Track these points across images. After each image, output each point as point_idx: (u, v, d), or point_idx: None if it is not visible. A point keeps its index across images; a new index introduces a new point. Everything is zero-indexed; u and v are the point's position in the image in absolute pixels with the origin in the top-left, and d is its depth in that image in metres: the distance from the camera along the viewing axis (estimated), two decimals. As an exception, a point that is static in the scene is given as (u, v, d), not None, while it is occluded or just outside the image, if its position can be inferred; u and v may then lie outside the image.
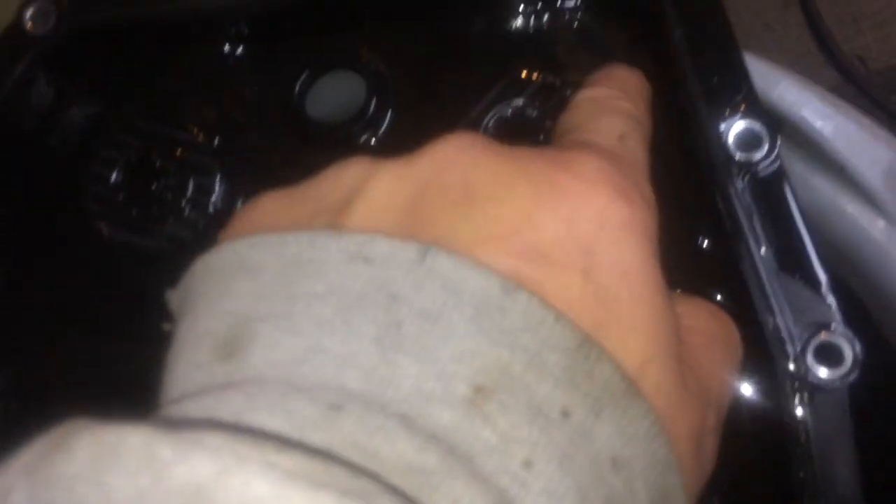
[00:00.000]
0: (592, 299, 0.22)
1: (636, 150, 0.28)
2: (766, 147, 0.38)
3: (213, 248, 0.24)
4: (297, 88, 0.45)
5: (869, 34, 1.55)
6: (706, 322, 0.29)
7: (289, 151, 0.46)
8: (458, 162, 0.23)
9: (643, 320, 0.22)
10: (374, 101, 0.45)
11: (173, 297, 0.25)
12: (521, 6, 0.44)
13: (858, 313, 0.45)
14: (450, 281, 0.20)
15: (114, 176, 0.45)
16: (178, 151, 0.45)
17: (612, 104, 0.30)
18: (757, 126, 0.38)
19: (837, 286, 0.39)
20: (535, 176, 0.23)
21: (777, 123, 0.42)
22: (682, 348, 0.26)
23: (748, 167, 0.38)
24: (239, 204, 0.45)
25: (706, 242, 0.42)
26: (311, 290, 0.21)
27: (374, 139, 0.45)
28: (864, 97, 1.51)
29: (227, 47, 0.46)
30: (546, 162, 0.24)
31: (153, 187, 0.44)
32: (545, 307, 0.20)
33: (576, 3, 0.43)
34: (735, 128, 0.38)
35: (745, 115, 0.38)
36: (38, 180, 0.47)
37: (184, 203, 0.44)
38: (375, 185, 0.23)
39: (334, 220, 0.23)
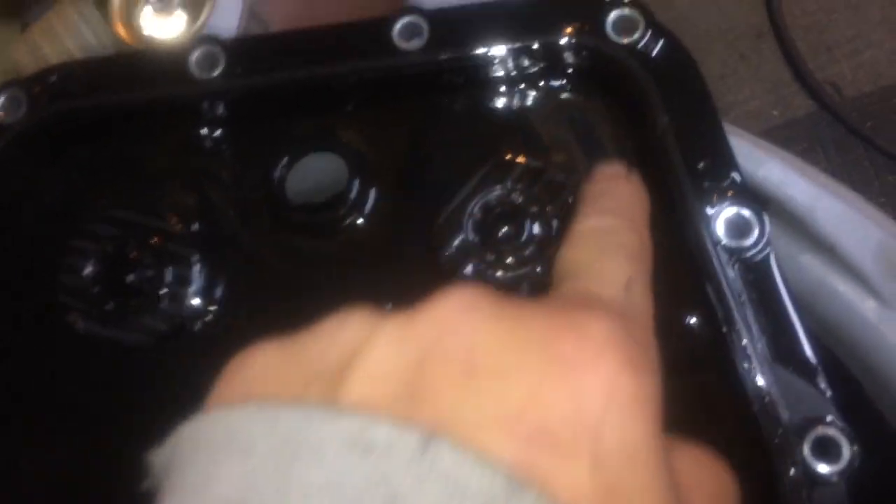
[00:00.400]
0: (602, 491, 0.21)
1: (642, 297, 0.27)
2: (755, 233, 0.38)
3: (202, 414, 0.23)
4: (277, 171, 0.44)
5: (843, 62, 1.57)
6: (706, 479, 0.28)
7: (271, 236, 0.45)
8: (461, 326, 0.23)
9: None
10: (356, 183, 0.44)
11: (156, 460, 0.24)
12: (504, 86, 0.43)
13: (852, 389, 0.44)
14: (452, 479, 0.20)
15: (87, 267, 0.43)
16: (155, 240, 0.44)
17: (617, 241, 0.29)
18: (746, 212, 0.38)
19: (830, 363, 0.39)
20: (542, 345, 0.23)
21: (765, 204, 0.41)
22: None
23: (738, 253, 0.38)
24: (218, 292, 0.44)
25: (693, 321, 0.41)
26: (307, 480, 0.20)
27: (359, 220, 0.44)
28: (839, 124, 1.54)
29: (204, 130, 0.45)
30: (552, 325, 0.23)
31: (129, 279, 0.43)
32: None
33: (561, 83, 0.42)
34: (724, 214, 0.38)
35: (733, 202, 0.38)
36: (8, 271, 0.45)
37: (161, 294, 0.43)
38: (374, 350, 0.23)
39: (331, 390, 0.22)
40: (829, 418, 0.36)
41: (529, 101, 0.43)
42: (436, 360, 0.22)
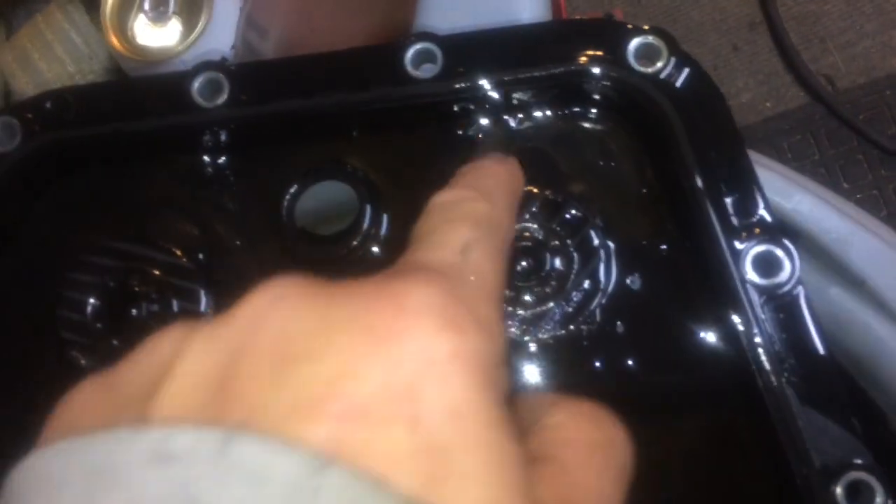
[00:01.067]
0: (422, 452, 0.20)
1: (480, 261, 0.26)
2: (786, 272, 0.36)
3: (25, 457, 0.22)
4: (285, 200, 0.43)
5: (836, 54, 1.56)
6: (585, 432, 0.27)
7: (281, 267, 0.43)
8: (270, 318, 0.22)
9: (480, 465, 0.21)
10: (368, 211, 0.42)
11: None
12: (520, 115, 0.41)
13: (877, 419, 0.43)
14: (254, 472, 0.19)
15: (89, 301, 0.42)
16: (158, 272, 0.42)
17: (463, 209, 0.28)
18: (776, 250, 0.36)
19: (856, 394, 0.38)
20: (354, 321, 0.22)
21: (795, 237, 0.40)
22: (554, 467, 0.24)
23: (768, 291, 0.37)
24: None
25: (721, 357, 0.40)
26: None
27: (374, 248, 0.42)
28: (832, 116, 1.53)
29: (208, 158, 0.43)
30: (369, 299, 0.22)
31: (133, 313, 0.42)
32: (362, 479, 0.19)
33: (580, 113, 0.41)
34: (753, 251, 0.37)
35: (762, 239, 0.37)
36: (5, 305, 0.44)
37: (167, 330, 0.41)
38: (185, 360, 0.22)
39: (143, 409, 0.21)
40: (862, 461, 0.35)
41: (546, 131, 0.41)
42: (246, 356, 0.21)
